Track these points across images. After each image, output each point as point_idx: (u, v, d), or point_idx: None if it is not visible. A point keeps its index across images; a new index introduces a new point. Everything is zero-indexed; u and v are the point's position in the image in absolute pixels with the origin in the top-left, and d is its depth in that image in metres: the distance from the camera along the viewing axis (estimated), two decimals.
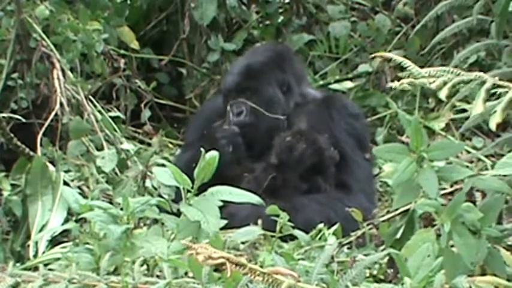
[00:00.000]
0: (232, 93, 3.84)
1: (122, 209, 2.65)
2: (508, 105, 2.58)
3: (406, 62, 2.80)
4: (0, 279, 2.41)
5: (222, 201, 2.76)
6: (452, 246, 2.32)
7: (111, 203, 2.99)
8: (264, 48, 4.21)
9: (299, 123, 3.82)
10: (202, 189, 2.75)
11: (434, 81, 2.67)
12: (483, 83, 2.65)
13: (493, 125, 2.56)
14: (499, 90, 2.65)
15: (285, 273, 2.11)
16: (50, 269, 2.90)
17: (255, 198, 2.86)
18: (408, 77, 2.73)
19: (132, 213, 2.62)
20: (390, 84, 2.80)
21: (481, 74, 2.70)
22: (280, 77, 3.84)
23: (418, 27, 4.76)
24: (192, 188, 2.69)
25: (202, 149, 2.73)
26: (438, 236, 2.36)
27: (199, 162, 2.72)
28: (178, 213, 2.70)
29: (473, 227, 2.34)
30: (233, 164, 3.68)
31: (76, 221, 3.11)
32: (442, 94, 2.63)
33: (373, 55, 3.92)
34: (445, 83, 2.65)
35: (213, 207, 2.68)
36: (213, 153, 2.73)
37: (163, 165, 2.86)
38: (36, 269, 3.05)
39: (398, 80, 2.72)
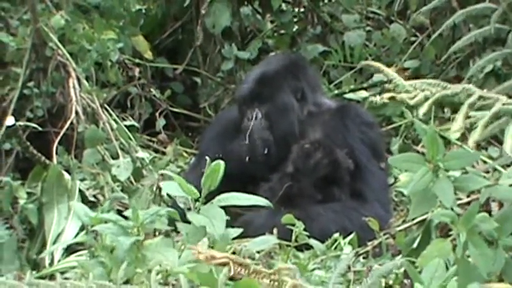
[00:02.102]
0: (246, 101, 3.84)
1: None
2: (490, 121, 2.54)
3: (391, 74, 2.76)
4: None
5: (237, 208, 2.76)
6: (468, 256, 2.31)
7: (123, 215, 2.99)
8: (278, 58, 4.23)
9: (314, 132, 3.82)
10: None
11: (414, 97, 2.62)
12: (470, 96, 2.61)
13: (471, 143, 2.53)
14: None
15: (287, 268, 2.11)
16: (65, 278, 2.90)
17: (262, 201, 2.85)
18: (394, 89, 2.70)
19: (142, 225, 2.61)
20: (372, 99, 2.78)
21: (469, 86, 2.66)
22: (294, 84, 3.84)
23: (434, 36, 4.74)
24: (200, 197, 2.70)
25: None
26: (454, 246, 2.35)
27: (205, 170, 2.73)
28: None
29: (490, 237, 2.33)
30: (261, 166, 3.69)
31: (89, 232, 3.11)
32: (422, 110, 2.60)
33: (361, 64, 3.89)
34: (426, 98, 2.61)
35: (219, 211, 2.68)
36: (219, 162, 2.74)
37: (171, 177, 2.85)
38: (52, 277, 3.06)
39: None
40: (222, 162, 2.72)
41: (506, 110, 2.54)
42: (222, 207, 2.70)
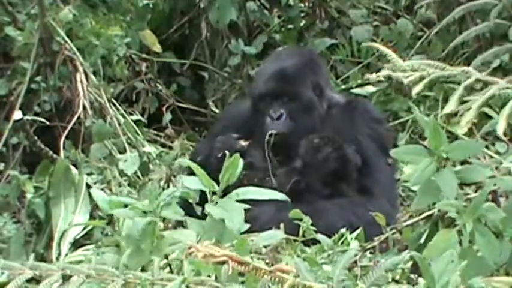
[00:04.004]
0: (267, 98, 3.74)
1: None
2: (484, 104, 2.51)
3: (391, 54, 2.73)
4: (20, 271, 2.42)
5: (246, 203, 2.76)
6: (477, 251, 2.30)
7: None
8: (292, 52, 4.11)
9: (323, 127, 3.80)
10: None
11: (409, 76, 2.58)
12: (467, 78, 2.57)
13: (463, 123, 2.51)
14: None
15: (287, 269, 2.11)
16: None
17: (278, 195, 2.85)
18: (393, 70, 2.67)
19: (159, 207, 2.60)
20: (368, 76, 2.76)
21: (468, 68, 2.62)
22: (314, 80, 3.78)
23: (437, 28, 4.74)
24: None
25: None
26: (460, 238, 2.34)
27: (224, 165, 2.71)
28: (202, 217, 2.70)
29: (496, 229, 2.33)
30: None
31: (103, 219, 3.11)
32: (415, 90, 2.57)
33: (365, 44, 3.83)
34: (421, 78, 2.58)
35: (237, 206, 2.67)
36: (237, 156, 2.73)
37: (190, 167, 2.84)
38: None
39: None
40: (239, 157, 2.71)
41: (503, 94, 2.51)
42: None
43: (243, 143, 3.67)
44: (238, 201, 2.68)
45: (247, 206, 2.69)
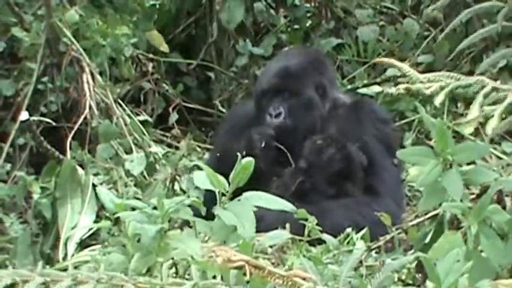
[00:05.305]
0: (268, 94, 3.77)
1: (155, 209, 2.63)
2: (505, 110, 2.53)
3: (405, 68, 2.76)
4: (29, 278, 2.43)
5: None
6: (481, 251, 2.30)
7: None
8: (298, 51, 4.15)
9: (328, 127, 3.80)
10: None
11: (430, 87, 2.62)
12: (483, 87, 2.60)
13: (489, 130, 2.52)
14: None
15: (304, 275, 2.11)
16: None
17: (288, 206, 2.84)
18: (407, 82, 2.70)
19: (167, 213, 2.61)
20: (388, 90, 2.78)
21: (482, 78, 2.65)
22: (318, 80, 3.79)
23: (445, 32, 4.74)
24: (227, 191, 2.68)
25: (238, 154, 2.72)
26: (466, 239, 2.35)
27: (235, 167, 2.71)
28: (207, 217, 2.70)
29: (501, 231, 2.33)
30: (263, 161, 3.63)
31: (109, 220, 3.11)
32: (438, 100, 2.59)
33: (375, 60, 3.91)
34: (441, 88, 2.61)
35: (249, 212, 2.66)
36: (250, 158, 2.72)
37: (198, 167, 2.83)
38: (65, 271, 3.07)
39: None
40: (251, 159, 2.71)
41: None
42: None
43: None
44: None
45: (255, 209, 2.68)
